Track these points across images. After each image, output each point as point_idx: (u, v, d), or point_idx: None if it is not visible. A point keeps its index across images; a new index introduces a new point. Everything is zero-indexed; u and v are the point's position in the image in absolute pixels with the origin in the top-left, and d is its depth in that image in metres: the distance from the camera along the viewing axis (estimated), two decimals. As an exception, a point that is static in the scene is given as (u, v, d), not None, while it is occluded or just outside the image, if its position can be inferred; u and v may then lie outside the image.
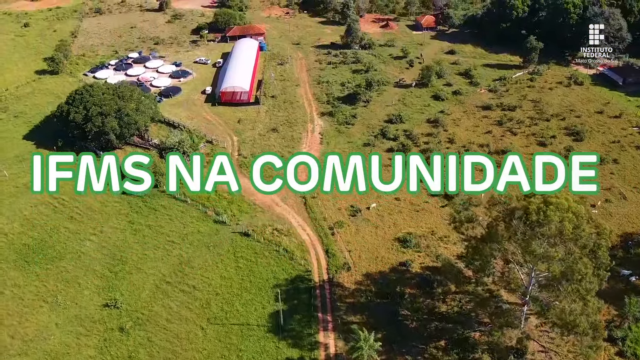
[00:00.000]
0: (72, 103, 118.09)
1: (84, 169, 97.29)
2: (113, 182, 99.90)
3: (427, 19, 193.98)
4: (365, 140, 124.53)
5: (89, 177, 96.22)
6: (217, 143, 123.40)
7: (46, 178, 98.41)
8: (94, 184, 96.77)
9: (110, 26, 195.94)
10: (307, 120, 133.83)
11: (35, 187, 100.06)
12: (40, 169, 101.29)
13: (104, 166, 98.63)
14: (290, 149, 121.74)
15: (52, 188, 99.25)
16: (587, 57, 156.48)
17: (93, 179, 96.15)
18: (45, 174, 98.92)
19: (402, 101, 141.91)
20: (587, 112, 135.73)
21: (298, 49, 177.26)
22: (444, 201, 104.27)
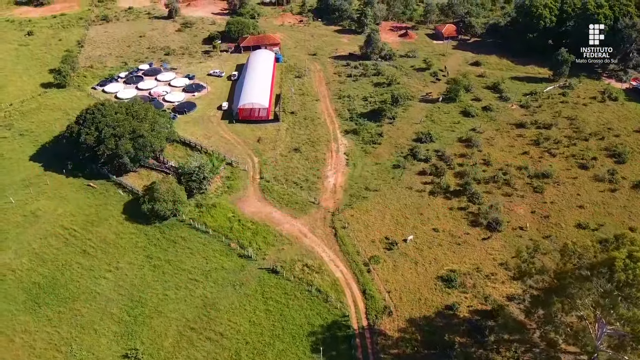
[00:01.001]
0: (82, 123, 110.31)
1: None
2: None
3: (448, 27, 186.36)
4: (394, 161, 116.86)
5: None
6: (237, 165, 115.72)
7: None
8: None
9: (118, 35, 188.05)
10: (330, 139, 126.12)
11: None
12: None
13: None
14: (315, 171, 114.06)
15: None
16: (587, 57, 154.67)
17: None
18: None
19: (430, 117, 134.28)
20: (626, 131, 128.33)
21: (315, 60, 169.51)
22: (486, 232, 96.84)
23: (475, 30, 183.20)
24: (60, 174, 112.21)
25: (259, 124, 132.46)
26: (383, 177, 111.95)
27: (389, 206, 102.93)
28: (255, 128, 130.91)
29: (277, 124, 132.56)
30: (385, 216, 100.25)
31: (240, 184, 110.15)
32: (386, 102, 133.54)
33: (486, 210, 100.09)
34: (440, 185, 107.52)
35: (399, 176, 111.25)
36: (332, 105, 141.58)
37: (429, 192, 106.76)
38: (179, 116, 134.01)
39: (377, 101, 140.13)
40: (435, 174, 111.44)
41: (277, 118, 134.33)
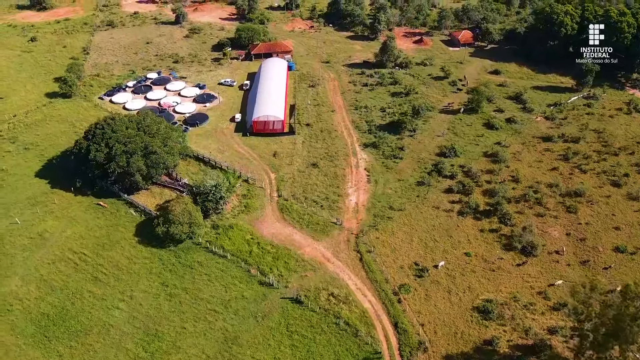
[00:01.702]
0: (91, 139, 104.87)
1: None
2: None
3: (464, 34, 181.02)
4: (418, 177, 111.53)
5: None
6: (253, 182, 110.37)
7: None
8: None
9: (124, 41, 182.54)
10: (349, 153, 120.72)
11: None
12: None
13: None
14: (335, 188, 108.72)
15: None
16: (587, 57, 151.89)
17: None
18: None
19: (452, 130, 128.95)
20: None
21: (328, 68, 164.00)
22: (521, 257, 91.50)
23: (493, 36, 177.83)
24: (68, 192, 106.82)
25: (274, 136, 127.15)
26: (407, 195, 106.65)
27: (416, 228, 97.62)
28: (270, 141, 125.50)
29: (292, 136, 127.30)
30: (412, 239, 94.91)
31: (257, 202, 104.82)
32: (406, 114, 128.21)
33: (520, 233, 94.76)
34: (468, 204, 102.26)
35: (425, 194, 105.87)
36: (348, 117, 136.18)
37: (458, 212, 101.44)
38: (190, 129, 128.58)
39: (395, 112, 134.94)
40: (463, 192, 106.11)
41: (293, 131, 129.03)
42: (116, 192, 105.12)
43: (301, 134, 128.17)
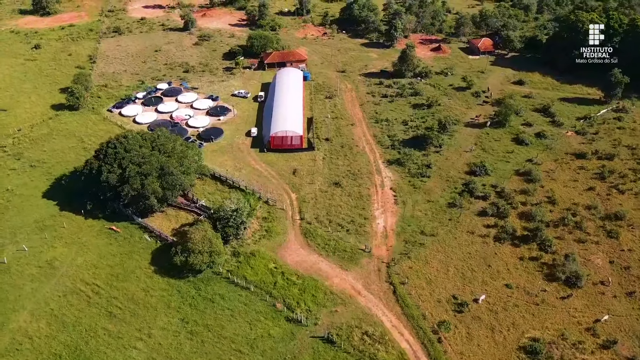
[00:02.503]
0: (103, 159, 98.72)
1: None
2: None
3: (484, 42, 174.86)
4: (449, 198, 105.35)
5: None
6: (273, 203, 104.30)
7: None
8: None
9: (132, 49, 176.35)
10: (372, 171, 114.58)
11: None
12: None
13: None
14: (360, 210, 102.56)
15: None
16: (587, 57, 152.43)
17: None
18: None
19: (480, 145, 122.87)
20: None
21: (345, 78, 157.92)
22: (565, 289, 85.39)
23: (514, 44, 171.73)
24: (78, 214, 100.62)
25: (293, 152, 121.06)
26: (439, 218, 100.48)
27: (451, 256, 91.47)
28: (289, 157, 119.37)
29: (312, 152, 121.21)
30: (448, 269, 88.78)
31: (279, 226, 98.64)
32: (432, 129, 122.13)
33: (562, 262, 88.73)
34: (505, 229, 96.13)
35: (457, 217, 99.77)
36: (369, 131, 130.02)
37: (494, 237, 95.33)
38: (205, 144, 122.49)
39: (419, 126, 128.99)
40: (498, 214, 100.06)
41: (312, 146, 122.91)
42: (129, 216, 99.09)
43: (321, 150, 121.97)
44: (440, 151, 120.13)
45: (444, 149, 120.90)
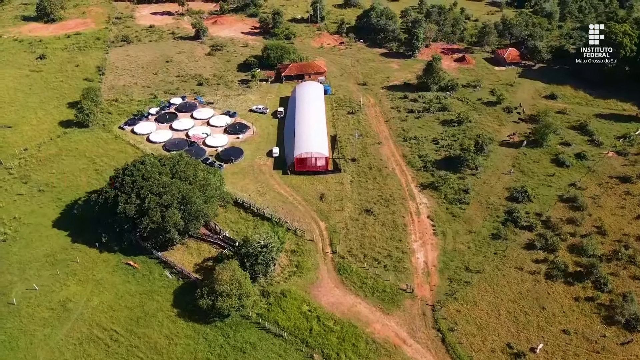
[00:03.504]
0: (120, 187, 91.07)
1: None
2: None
3: (511, 52, 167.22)
4: (492, 228, 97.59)
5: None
6: (302, 234, 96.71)
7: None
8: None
9: (142, 59, 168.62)
10: (405, 196, 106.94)
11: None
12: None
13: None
14: (396, 242, 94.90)
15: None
16: (587, 58, 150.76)
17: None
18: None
19: (518, 167, 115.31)
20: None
21: (366, 91, 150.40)
22: (625, 333, 77.86)
23: (542, 55, 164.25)
24: (92, 247, 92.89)
25: (318, 174, 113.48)
26: (483, 251, 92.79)
27: (500, 296, 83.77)
28: (314, 181, 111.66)
29: (338, 175, 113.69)
30: (500, 312, 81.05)
31: (309, 261, 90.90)
32: (469, 149, 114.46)
33: (620, 303, 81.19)
34: (556, 265, 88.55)
35: (503, 251, 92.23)
36: (398, 150, 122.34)
37: (545, 274, 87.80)
38: (224, 166, 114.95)
39: (451, 145, 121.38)
40: (547, 248, 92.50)
41: (338, 168, 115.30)
42: (147, 249, 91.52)
43: (348, 172, 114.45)
44: (477, 174, 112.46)
45: (480, 171, 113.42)
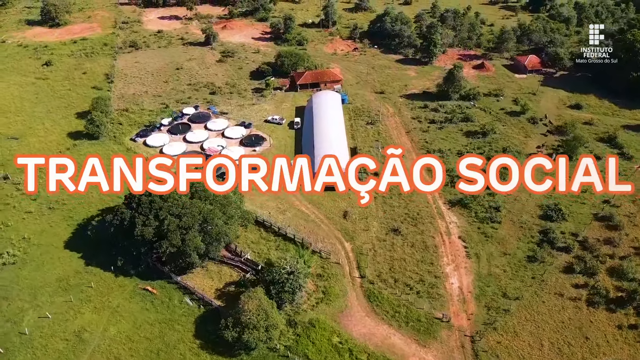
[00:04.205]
0: (136, 208, 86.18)
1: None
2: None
3: (531, 59, 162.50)
4: (527, 250, 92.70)
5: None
6: (327, 256, 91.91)
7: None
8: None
9: (151, 66, 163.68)
10: (433, 214, 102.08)
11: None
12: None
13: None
14: (428, 265, 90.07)
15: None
16: (587, 58, 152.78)
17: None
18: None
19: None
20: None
21: (384, 100, 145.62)
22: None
23: (564, 62, 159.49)
24: (107, 271, 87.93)
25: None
26: (520, 275, 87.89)
27: (542, 325, 78.90)
28: (336, 197, 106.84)
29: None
30: (542, 342, 76.16)
31: (337, 286, 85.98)
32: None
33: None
34: (597, 290, 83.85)
35: (541, 275, 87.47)
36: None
37: (587, 301, 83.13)
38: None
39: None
40: (586, 271, 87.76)
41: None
42: (166, 273, 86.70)
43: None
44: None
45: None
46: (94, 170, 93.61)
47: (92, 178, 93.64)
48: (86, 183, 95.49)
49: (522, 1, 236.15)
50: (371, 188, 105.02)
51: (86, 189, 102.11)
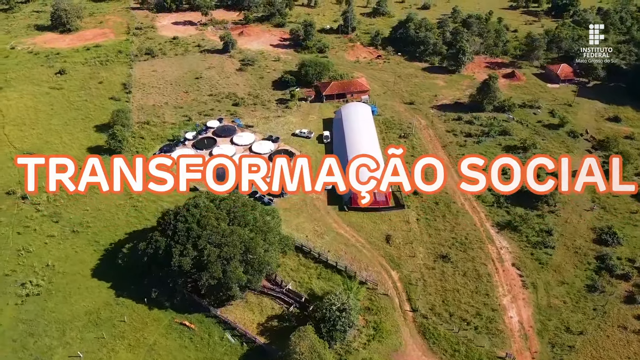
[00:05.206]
0: (172, 236, 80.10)
1: None
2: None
3: (564, 68, 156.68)
4: (585, 278, 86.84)
5: None
6: (372, 285, 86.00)
7: None
8: None
9: (169, 75, 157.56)
10: (482, 238, 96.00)
11: None
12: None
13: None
14: (483, 296, 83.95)
15: None
16: (587, 57, 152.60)
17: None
18: None
19: (598, 202, 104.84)
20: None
21: (415, 111, 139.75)
22: None
23: (597, 72, 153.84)
24: (139, 302, 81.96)
25: (378, 211, 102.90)
26: (581, 307, 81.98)
27: (613, 365, 73.71)
28: (376, 219, 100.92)
29: (401, 211, 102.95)
30: (616, 385, 71.01)
31: (388, 321, 79.92)
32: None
33: None
34: (666, 325, 78.37)
35: (603, 307, 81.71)
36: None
37: (655, 336, 77.70)
38: (275, 200, 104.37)
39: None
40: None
41: (401, 203, 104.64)
42: (203, 306, 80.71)
43: (411, 207, 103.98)
44: (556, 210, 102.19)
45: (559, 207, 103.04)
46: (94, 170, 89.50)
47: (92, 178, 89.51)
48: (86, 183, 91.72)
49: (543, 6, 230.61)
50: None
51: (86, 189, 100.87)
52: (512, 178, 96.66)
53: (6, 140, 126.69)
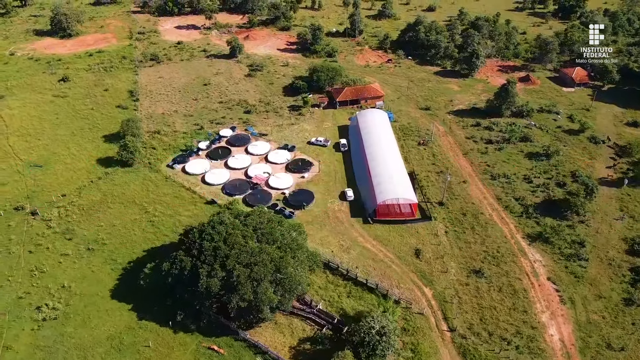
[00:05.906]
0: (198, 255, 76.18)
1: None
2: None
3: (578, 71, 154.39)
4: (621, 291, 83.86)
5: None
6: (407, 303, 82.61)
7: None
8: None
9: (176, 81, 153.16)
10: (514, 251, 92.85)
11: None
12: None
13: None
14: (521, 314, 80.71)
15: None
16: (587, 57, 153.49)
17: None
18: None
19: (626, 211, 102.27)
20: None
21: (431, 117, 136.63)
22: None
23: (612, 75, 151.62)
24: (163, 326, 77.93)
25: (403, 223, 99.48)
26: (620, 322, 79.27)
27: (662, 385, 71.00)
28: (403, 232, 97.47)
29: (428, 223, 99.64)
30: (669, 407, 68.29)
31: (425, 341, 76.47)
32: (578, 194, 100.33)
33: None
34: None
35: (647, 324, 79.25)
36: (489, 190, 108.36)
37: (703, 353, 75.07)
38: (296, 212, 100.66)
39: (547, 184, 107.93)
40: (698, 322, 79.70)
41: (428, 215, 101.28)
42: (231, 329, 76.88)
43: (438, 219, 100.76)
44: (586, 221, 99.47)
45: (588, 217, 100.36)
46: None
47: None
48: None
49: (549, 7, 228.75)
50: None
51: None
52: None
53: (11, 152, 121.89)
